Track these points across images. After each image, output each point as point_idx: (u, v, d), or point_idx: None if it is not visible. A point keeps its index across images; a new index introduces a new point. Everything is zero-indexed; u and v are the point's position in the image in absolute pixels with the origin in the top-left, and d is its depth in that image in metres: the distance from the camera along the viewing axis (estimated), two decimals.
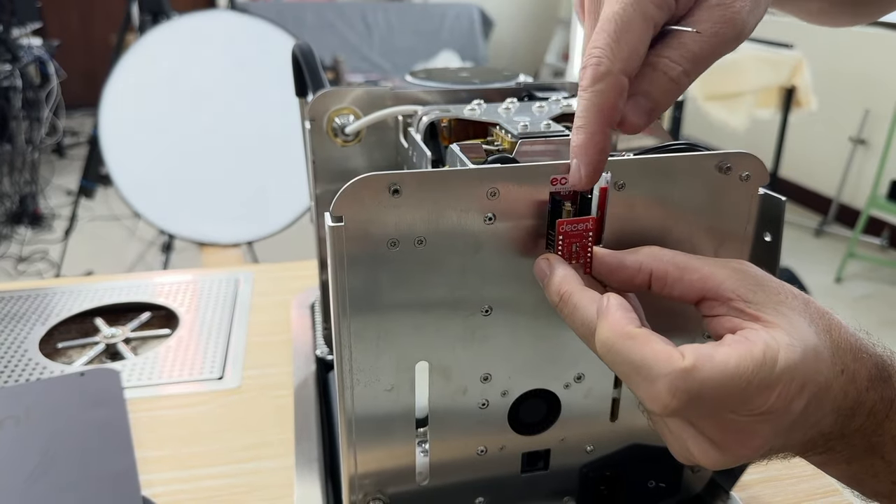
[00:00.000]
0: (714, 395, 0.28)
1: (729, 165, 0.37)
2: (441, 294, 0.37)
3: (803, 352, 0.29)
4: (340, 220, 0.34)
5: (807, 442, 0.31)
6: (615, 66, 0.31)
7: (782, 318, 0.30)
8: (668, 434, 0.33)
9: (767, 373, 0.28)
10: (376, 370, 0.38)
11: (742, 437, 0.29)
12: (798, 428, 0.30)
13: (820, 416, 0.30)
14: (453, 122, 0.47)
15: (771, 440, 0.30)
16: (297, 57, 0.57)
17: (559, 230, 0.35)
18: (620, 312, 0.30)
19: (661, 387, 0.28)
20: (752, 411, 0.29)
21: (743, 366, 0.28)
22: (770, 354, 0.28)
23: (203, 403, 0.62)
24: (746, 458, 0.30)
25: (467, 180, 0.35)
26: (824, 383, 0.29)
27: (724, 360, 0.28)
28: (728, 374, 0.28)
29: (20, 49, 2.75)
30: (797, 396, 0.29)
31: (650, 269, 0.33)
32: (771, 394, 0.28)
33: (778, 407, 0.28)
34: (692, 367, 0.28)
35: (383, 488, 0.42)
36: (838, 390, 0.30)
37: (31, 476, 0.51)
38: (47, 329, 0.72)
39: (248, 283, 0.83)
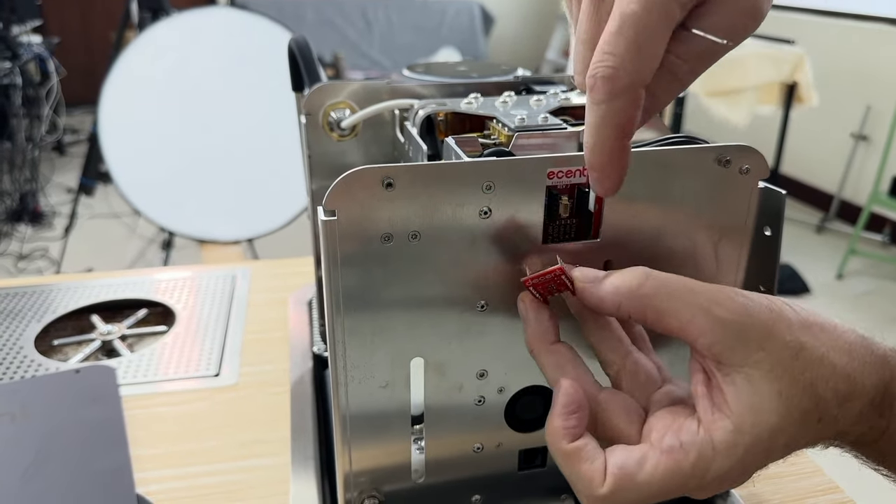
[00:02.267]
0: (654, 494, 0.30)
1: (728, 159, 0.37)
2: (436, 289, 0.36)
3: (746, 448, 0.29)
4: (333, 214, 0.33)
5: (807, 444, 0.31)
6: (636, 79, 0.27)
7: (744, 395, 0.29)
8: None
9: (696, 484, 0.29)
10: (371, 366, 0.37)
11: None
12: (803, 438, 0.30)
13: (795, 449, 0.30)
14: (450, 115, 0.46)
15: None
16: (293, 51, 0.56)
17: (528, 285, 0.34)
18: (560, 420, 0.32)
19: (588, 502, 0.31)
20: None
21: (667, 482, 0.29)
22: (701, 466, 0.29)
23: (199, 400, 0.61)
24: None
25: (462, 174, 0.34)
26: (783, 446, 0.30)
27: (648, 481, 0.30)
28: (657, 485, 0.29)
29: (20, 46, 2.75)
30: (742, 475, 0.30)
31: (628, 311, 0.31)
32: (705, 492, 0.30)
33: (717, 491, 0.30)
34: (610, 493, 0.30)
35: (379, 486, 0.41)
36: (813, 435, 0.30)
37: (25, 473, 0.51)
38: (43, 326, 0.72)
39: (246, 280, 0.83)
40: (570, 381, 0.32)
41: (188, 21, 1.84)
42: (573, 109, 0.46)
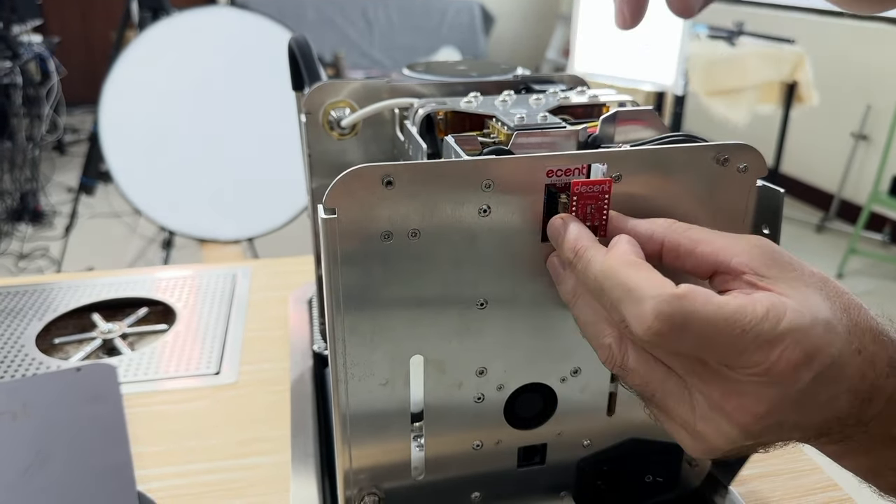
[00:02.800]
0: (702, 331, 0.27)
1: (727, 157, 0.37)
2: (436, 287, 0.37)
3: (812, 320, 0.28)
4: (333, 213, 0.34)
5: (821, 424, 0.30)
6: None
7: (794, 292, 0.29)
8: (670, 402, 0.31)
9: (769, 328, 0.27)
10: (371, 364, 0.37)
11: (743, 401, 0.28)
12: (810, 404, 0.29)
13: (833, 393, 0.29)
14: (450, 114, 0.46)
15: (779, 411, 0.28)
16: (293, 50, 0.56)
17: (574, 190, 0.34)
18: (629, 246, 0.31)
19: (647, 307, 0.28)
20: (749, 368, 0.28)
21: (741, 313, 0.27)
22: (774, 313, 0.28)
23: (199, 399, 0.62)
24: (755, 432, 0.29)
25: (462, 172, 0.34)
26: (838, 358, 0.28)
27: (723, 302, 0.28)
28: (722, 316, 0.27)
29: (20, 46, 2.75)
30: (804, 364, 0.27)
31: (661, 239, 0.32)
32: (771, 351, 0.27)
33: (781, 370, 0.27)
34: (683, 294, 0.28)
35: (378, 483, 0.41)
36: (854, 370, 0.28)
37: (26, 471, 0.51)
38: (44, 324, 0.72)
39: (246, 279, 0.83)
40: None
41: (188, 20, 1.84)
42: (572, 108, 0.46)
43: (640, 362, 0.31)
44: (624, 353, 0.31)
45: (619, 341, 0.31)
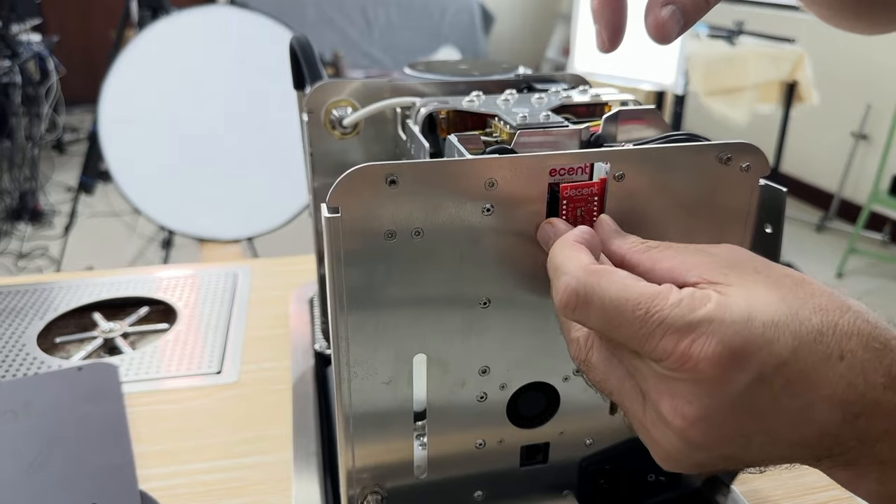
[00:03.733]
0: (605, 307, 0.27)
1: (729, 156, 0.37)
2: (439, 286, 0.37)
3: (744, 315, 0.26)
4: (337, 212, 0.34)
5: (809, 440, 0.27)
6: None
7: (741, 290, 0.27)
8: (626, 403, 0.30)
9: (678, 315, 0.26)
10: (374, 363, 0.37)
11: (675, 402, 0.27)
12: (770, 413, 0.26)
13: (804, 402, 0.26)
14: (451, 113, 0.46)
15: (718, 417, 0.26)
16: (294, 49, 0.57)
17: (563, 194, 0.35)
18: (576, 232, 0.32)
19: (561, 282, 0.29)
20: (661, 359, 0.26)
21: (649, 295, 0.27)
22: (689, 302, 0.26)
23: (201, 398, 0.62)
24: (697, 441, 0.27)
25: (465, 171, 0.34)
26: (793, 360, 0.25)
27: (631, 283, 0.28)
28: (626, 295, 0.27)
29: (19, 45, 2.75)
30: (731, 362, 0.25)
31: (628, 260, 0.32)
32: (680, 340, 0.26)
33: (699, 365, 0.25)
34: (594, 271, 0.28)
35: (381, 482, 0.41)
36: (834, 377, 0.26)
37: (28, 470, 0.51)
38: (45, 324, 0.72)
39: (247, 278, 0.83)
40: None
41: (188, 19, 1.84)
42: (575, 107, 0.46)
43: (601, 359, 0.31)
44: (589, 348, 0.31)
45: (587, 337, 0.31)
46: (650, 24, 0.32)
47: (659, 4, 0.32)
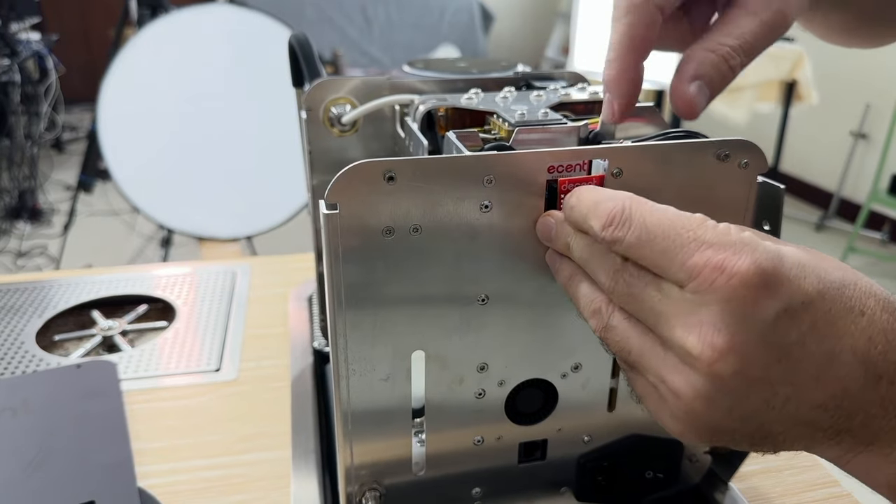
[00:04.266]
0: (643, 222, 0.28)
1: (727, 153, 0.37)
2: (437, 283, 0.37)
3: (775, 249, 0.26)
4: (335, 208, 0.34)
5: (828, 403, 0.26)
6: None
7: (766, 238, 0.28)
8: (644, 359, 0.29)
9: (714, 234, 0.26)
10: (372, 359, 0.38)
11: (703, 332, 0.26)
12: (797, 354, 0.26)
13: (829, 348, 0.26)
14: (450, 111, 0.46)
15: (747, 349, 0.25)
16: (293, 47, 0.56)
17: (561, 188, 0.35)
18: None
19: (603, 207, 0.30)
20: (691, 273, 0.26)
21: (686, 215, 0.28)
22: (725, 227, 0.27)
23: (200, 395, 0.62)
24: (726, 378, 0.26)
25: (463, 168, 0.34)
26: (819, 302, 0.26)
27: (671, 208, 0.29)
28: (667, 215, 0.28)
29: (19, 43, 2.74)
30: (762, 286, 0.25)
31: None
32: (715, 253, 0.26)
33: (731, 281, 0.25)
34: (633, 196, 0.30)
35: (380, 479, 0.42)
36: (857, 331, 0.26)
37: (27, 467, 0.51)
38: (44, 321, 0.72)
39: (246, 276, 0.83)
40: None
41: (187, 18, 1.84)
42: (573, 105, 0.46)
43: (622, 319, 0.30)
44: (610, 313, 0.31)
45: (608, 304, 0.31)
46: (677, 101, 0.33)
47: (686, 81, 0.32)
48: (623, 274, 0.30)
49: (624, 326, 0.30)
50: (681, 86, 0.32)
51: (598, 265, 0.31)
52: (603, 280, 0.31)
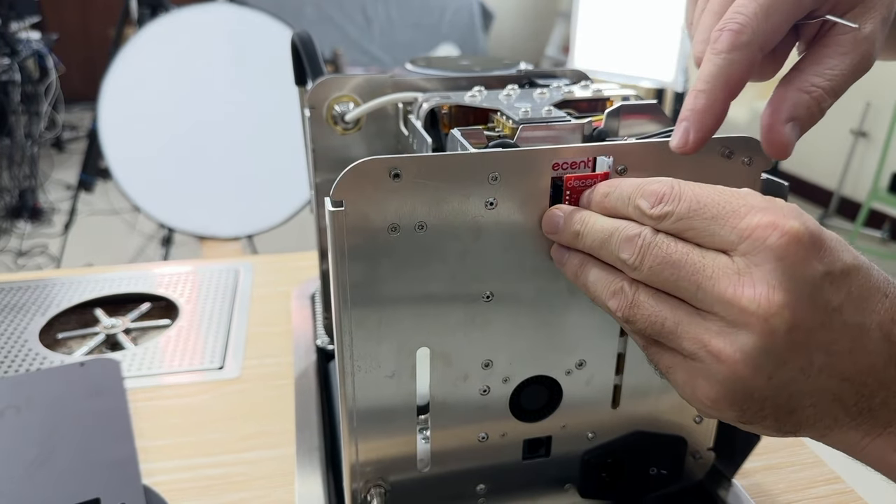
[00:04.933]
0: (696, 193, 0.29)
1: (731, 150, 0.37)
2: (442, 280, 0.37)
3: (818, 225, 0.28)
4: (341, 205, 0.34)
5: (855, 377, 0.28)
6: (756, 39, 0.31)
7: None
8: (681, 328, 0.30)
9: (761, 200, 0.28)
10: (377, 356, 0.38)
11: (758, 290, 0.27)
12: (835, 322, 0.27)
13: (861, 320, 0.27)
14: (454, 108, 0.46)
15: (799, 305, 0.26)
16: (296, 45, 0.57)
17: (567, 184, 0.35)
18: None
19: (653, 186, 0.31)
20: (744, 234, 0.27)
21: (733, 189, 0.29)
22: (770, 198, 0.29)
23: (203, 393, 0.62)
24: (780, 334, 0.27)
25: (468, 165, 0.34)
26: (856, 272, 0.27)
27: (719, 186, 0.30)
28: (717, 188, 0.30)
29: (19, 43, 2.74)
30: (810, 244, 0.27)
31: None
32: (764, 214, 0.27)
33: (781, 240, 0.27)
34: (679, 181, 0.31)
35: (384, 476, 0.42)
36: (882, 310, 0.28)
37: (31, 465, 0.51)
38: (47, 320, 0.72)
39: (248, 274, 0.83)
40: None
41: (187, 17, 1.84)
42: (576, 102, 0.46)
43: (650, 294, 0.31)
44: (635, 291, 0.31)
45: (630, 283, 0.31)
46: (773, 141, 0.33)
47: (782, 122, 0.32)
48: (653, 249, 0.30)
49: (654, 301, 0.31)
50: (777, 126, 0.33)
51: (619, 245, 0.31)
52: (626, 257, 0.31)
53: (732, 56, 0.32)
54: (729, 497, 0.47)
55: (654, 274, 0.30)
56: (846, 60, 0.33)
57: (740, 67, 0.32)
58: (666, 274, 0.30)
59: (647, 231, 0.30)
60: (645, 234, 0.30)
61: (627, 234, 0.31)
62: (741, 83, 0.32)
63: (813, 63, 0.33)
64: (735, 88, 0.32)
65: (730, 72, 0.32)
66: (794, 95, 0.33)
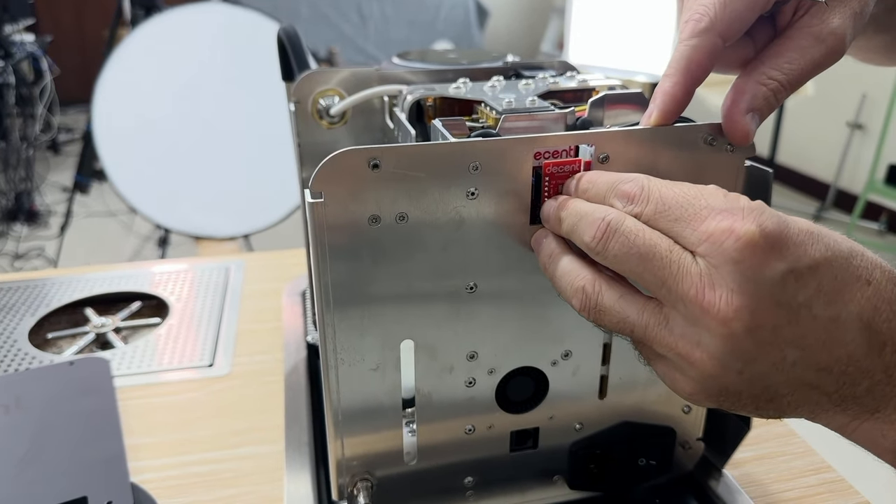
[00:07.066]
0: (662, 193, 0.30)
1: (713, 137, 0.37)
2: (425, 271, 0.37)
3: (781, 217, 0.28)
4: (320, 196, 0.33)
5: (833, 367, 0.27)
6: (715, 27, 0.33)
7: None
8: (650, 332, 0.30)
9: (723, 201, 0.29)
10: (361, 349, 0.37)
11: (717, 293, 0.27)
12: (804, 317, 0.27)
13: (834, 313, 0.27)
14: (438, 100, 0.46)
15: (760, 310, 0.27)
16: (282, 40, 0.56)
17: (545, 171, 0.35)
18: None
19: (627, 183, 0.32)
20: (703, 237, 0.28)
21: (699, 187, 0.30)
22: (735, 196, 0.29)
23: (193, 390, 0.62)
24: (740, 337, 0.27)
25: (448, 154, 0.34)
26: (825, 266, 0.27)
27: (684, 182, 0.31)
28: (683, 187, 0.30)
29: (13, 45, 2.74)
30: (769, 248, 0.27)
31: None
32: (724, 218, 0.28)
33: (739, 244, 0.27)
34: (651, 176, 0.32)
35: (371, 470, 0.41)
36: (863, 299, 0.27)
37: (19, 463, 0.51)
38: (37, 320, 0.72)
39: (240, 272, 0.83)
40: None
41: (181, 17, 1.84)
42: (561, 93, 0.46)
43: (615, 298, 0.31)
44: (598, 292, 0.31)
45: (592, 282, 0.31)
46: (734, 130, 0.34)
47: (741, 112, 0.34)
48: (618, 236, 0.30)
49: (619, 305, 0.31)
50: (737, 116, 0.34)
51: (585, 227, 0.31)
52: (588, 240, 0.31)
53: (692, 42, 0.33)
54: (719, 487, 0.47)
55: (619, 262, 0.30)
56: (806, 55, 0.34)
57: (701, 53, 0.33)
58: (631, 264, 0.30)
59: (614, 215, 0.30)
60: (611, 219, 0.30)
61: (594, 216, 0.31)
62: (703, 68, 0.34)
63: (773, 55, 0.34)
64: (697, 72, 0.34)
65: (690, 57, 0.33)
66: (752, 87, 0.34)
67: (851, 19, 0.33)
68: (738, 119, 0.34)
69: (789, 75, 0.34)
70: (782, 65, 0.34)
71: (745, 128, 0.34)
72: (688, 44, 0.33)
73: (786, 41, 0.34)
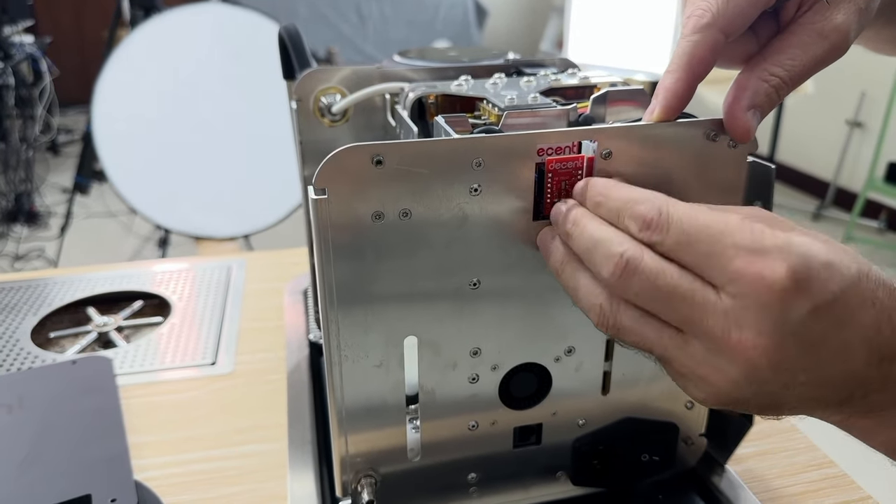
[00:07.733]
0: (684, 224, 0.29)
1: (715, 133, 0.37)
2: (428, 268, 0.37)
3: (806, 252, 0.27)
4: (324, 193, 0.34)
5: (839, 382, 0.28)
6: (717, 22, 0.33)
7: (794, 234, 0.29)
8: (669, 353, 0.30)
9: (750, 239, 0.28)
10: (364, 346, 0.37)
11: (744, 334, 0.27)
12: (819, 348, 0.28)
13: (845, 340, 0.28)
14: (440, 98, 0.46)
15: (783, 345, 0.27)
16: (283, 39, 0.56)
17: (548, 167, 0.35)
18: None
19: (642, 205, 0.31)
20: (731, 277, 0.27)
21: (724, 219, 0.29)
22: (760, 229, 0.28)
23: (196, 389, 0.62)
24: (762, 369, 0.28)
25: (451, 151, 0.34)
26: (842, 298, 0.27)
27: (706, 209, 0.30)
28: (704, 216, 0.29)
29: (12, 47, 2.74)
30: (795, 289, 0.27)
31: None
32: (753, 260, 0.27)
33: (767, 286, 0.27)
34: (671, 198, 0.31)
35: (375, 466, 0.42)
36: (869, 320, 0.28)
37: (23, 463, 0.51)
38: (39, 319, 0.72)
39: (241, 271, 0.83)
40: None
41: (180, 18, 1.84)
42: (563, 90, 0.46)
43: (633, 319, 0.31)
44: (616, 312, 0.31)
45: (610, 300, 0.31)
46: (735, 126, 0.34)
47: (743, 109, 0.34)
48: (637, 274, 0.30)
49: (638, 327, 0.31)
50: (738, 112, 0.34)
51: (601, 260, 0.31)
52: (606, 276, 0.31)
53: (694, 38, 0.33)
54: (722, 483, 0.47)
55: (639, 300, 0.30)
56: (809, 52, 0.33)
57: (703, 48, 0.33)
58: (652, 303, 0.30)
59: (632, 251, 0.30)
60: (629, 256, 0.30)
61: (610, 251, 0.30)
62: (705, 64, 0.34)
63: (776, 52, 0.34)
64: (699, 68, 0.34)
65: (693, 52, 0.33)
66: (754, 84, 0.34)
67: (856, 15, 0.33)
68: (739, 115, 0.34)
69: (791, 72, 0.34)
70: (784, 61, 0.34)
71: (747, 124, 0.34)
72: (690, 39, 0.33)
73: (788, 37, 0.34)
